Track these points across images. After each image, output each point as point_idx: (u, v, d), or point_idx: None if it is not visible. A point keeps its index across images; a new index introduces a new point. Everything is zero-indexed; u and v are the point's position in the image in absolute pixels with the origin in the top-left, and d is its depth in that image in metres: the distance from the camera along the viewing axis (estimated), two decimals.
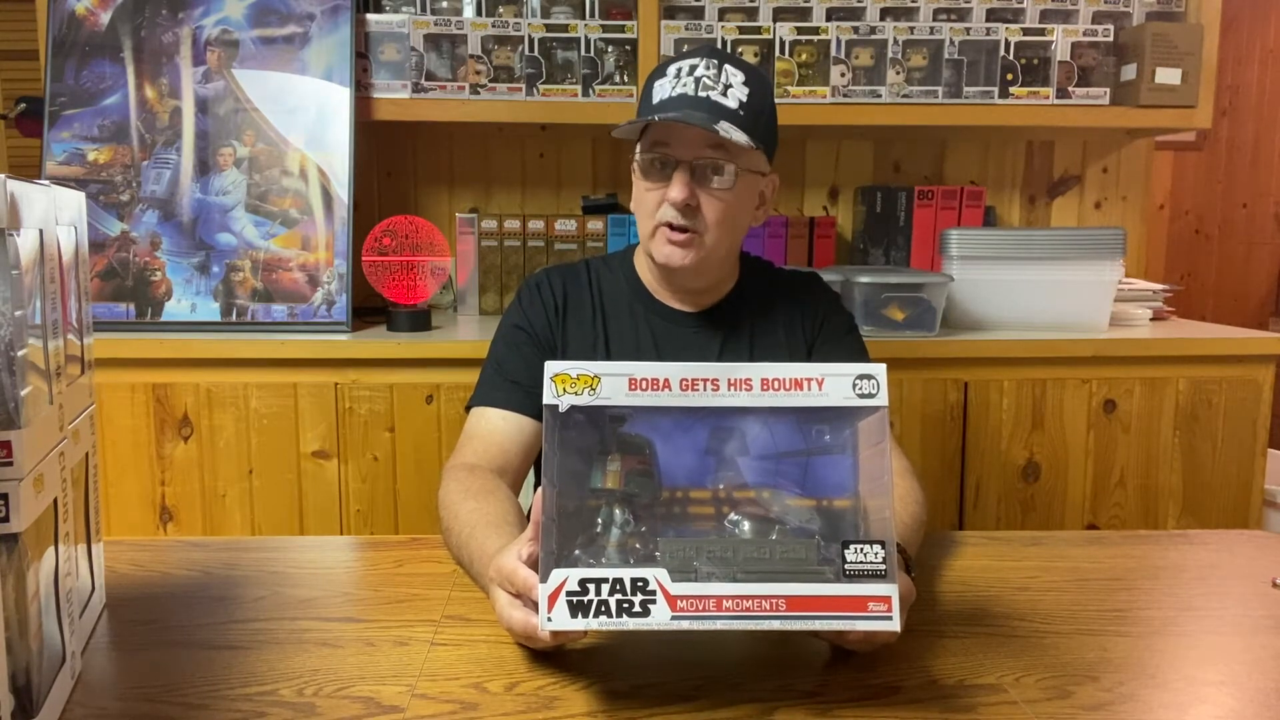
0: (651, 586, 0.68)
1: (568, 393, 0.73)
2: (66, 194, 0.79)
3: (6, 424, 0.62)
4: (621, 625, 0.68)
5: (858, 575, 0.68)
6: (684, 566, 0.69)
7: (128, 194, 1.90)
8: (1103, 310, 1.96)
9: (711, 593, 0.68)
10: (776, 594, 0.67)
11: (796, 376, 0.70)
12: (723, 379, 0.71)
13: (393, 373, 1.77)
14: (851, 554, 0.68)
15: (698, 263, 1.15)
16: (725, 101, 1.10)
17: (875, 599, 0.67)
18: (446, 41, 2.03)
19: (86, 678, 0.77)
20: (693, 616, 0.68)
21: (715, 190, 1.12)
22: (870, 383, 0.69)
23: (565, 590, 0.68)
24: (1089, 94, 2.08)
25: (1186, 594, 0.96)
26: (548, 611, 0.69)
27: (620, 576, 0.68)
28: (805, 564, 0.69)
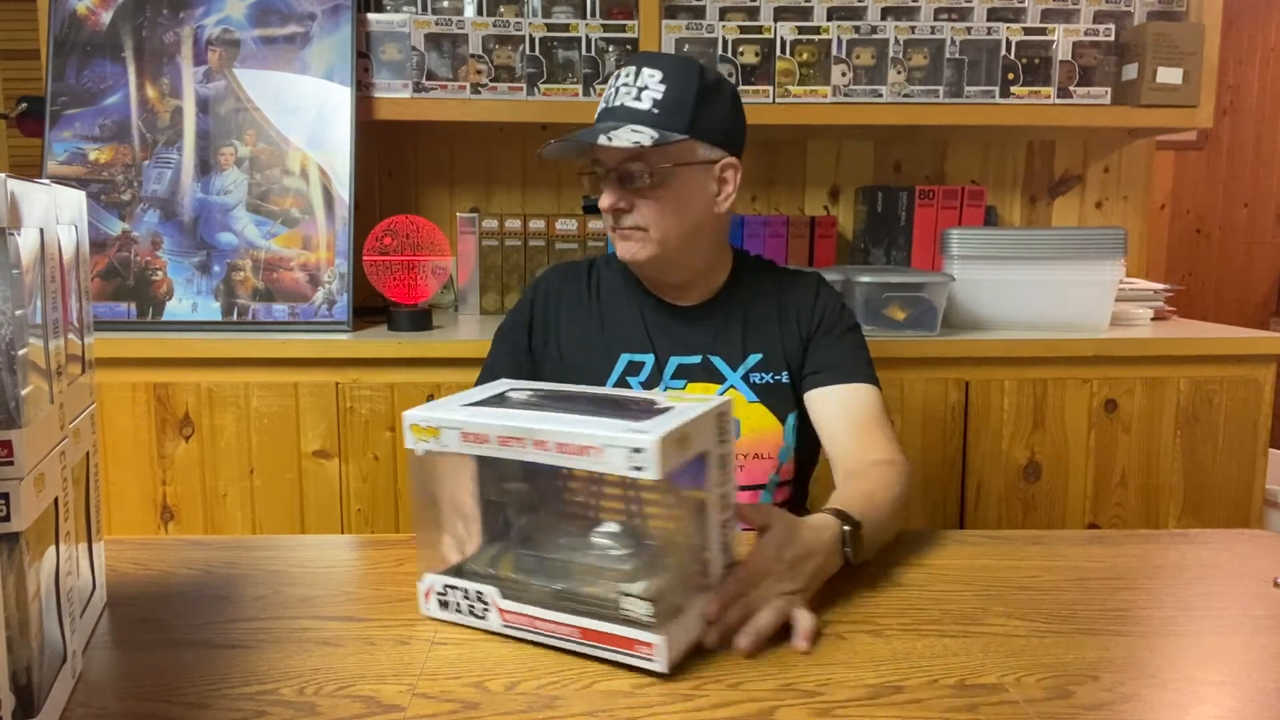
0: (487, 599, 0.85)
1: (421, 440, 0.85)
2: (67, 193, 0.79)
3: (7, 423, 0.62)
4: (471, 623, 0.86)
5: (633, 622, 0.78)
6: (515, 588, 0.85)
7: (129, 193, 1.90)
8: (1104, 310, 1.96)
9: (528, 613, 0.83)
10: (574, 624, 0.80)
11: (582, 444, 0.76)
12: (529, 440, 0.79)
13: (394, 372, 1.77)
14: (626, 604, 0.79)
15: (654, 256, 1.20)
16: (638, 105, 1.16)
17: (642, 644, 0.77)
18: (447, 41, 2.03)
19: (87, 677, 0.77)
20: (515, 628, 0.83)
21: (645, 190, 1.18)
22: (642, 456, 0.73)
23: (434, 591, 0.88)
24: (1090, 94, 2.08)
25: (1187, 594, 0.96)
26: (424, 601, 0.89)
27: (467, 588, 0.85)
28: (604, 602, 0.81)
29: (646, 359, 1.26)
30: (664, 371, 1.25)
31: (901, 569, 1.01)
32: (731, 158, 1.22)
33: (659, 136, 1.13)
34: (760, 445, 1.24)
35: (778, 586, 0.85)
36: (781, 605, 0.84)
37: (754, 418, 1.24)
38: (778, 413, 1.25)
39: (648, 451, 0.73)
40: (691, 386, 1.25)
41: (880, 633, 0.86)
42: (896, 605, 0.92)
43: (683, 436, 0.77)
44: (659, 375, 1.25)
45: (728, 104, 1.21)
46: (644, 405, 0.83)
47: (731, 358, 1.26)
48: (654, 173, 1.16)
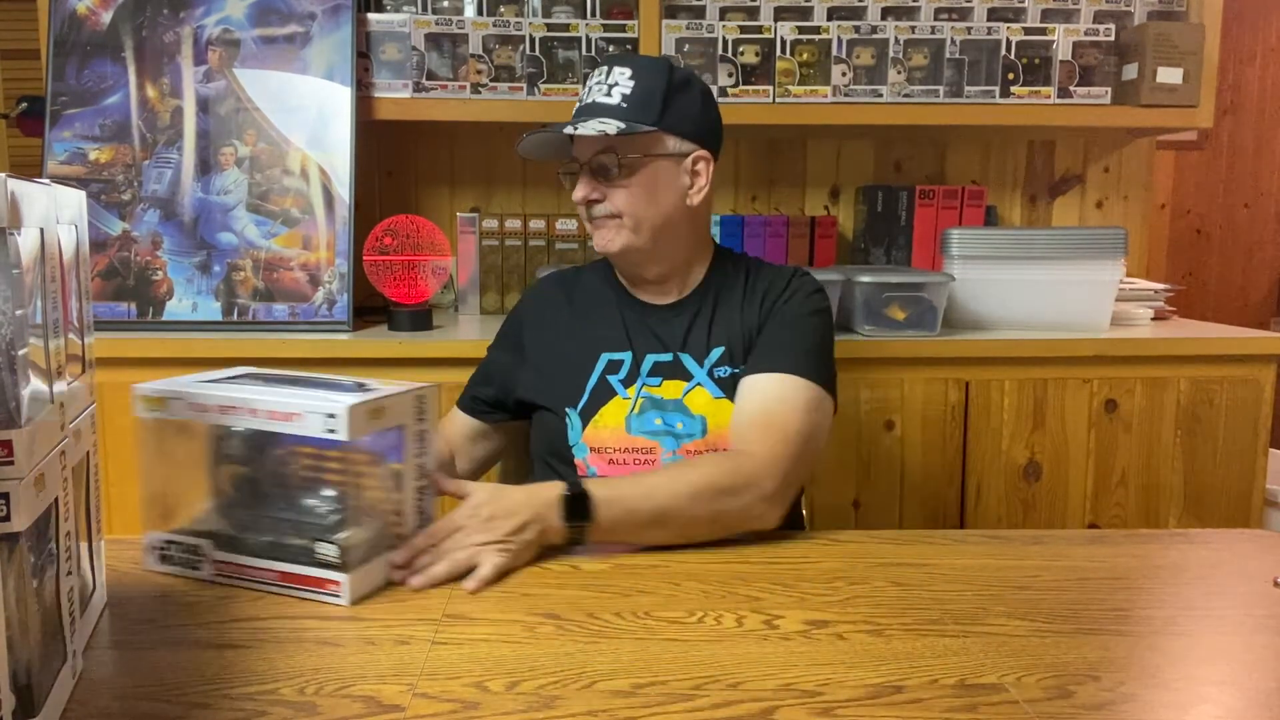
0: (202, 552, 0.95)
1: (149, 409, 0.95)
2: (67, 193, 0.79)
3: (7, 423, 0.62)
4: (187, 574, 0.97)
5: (322, 563, 0.90)
6: (228, 540, 0.95)
7: (129, 193, 1.90)
8: (1104, 310, 1.96)
9: (235, 561, 0.94)
10: (274, 569, 0.92)
11: (284, 410, 0.88)
12: (244, 408, 0.91)
13: (394, 372, 1.77)
14: (319, 549, 0.90)
15: (628, 245, 1.24)
16: (608, 100, 1.22)
17: (329, 582, 0.90)
18: (447, 41, 2.03)
19: (87, 677, 0.77)
20: (225, 576, 0.94)
21: (617, 181, 1.22)
22: (335, 420, 0.86)
23: (155, 546, 0.98)
24: (1090, 93, 2.08)
25: (1187, 593, 0.96)
26: (146, 557, 0.99)
27: (185, 541, 0.96)
28: (304, 551, 0.92)
29: (625, 356, 1.27)
30: (640, 368, 1.27)
31: (901, 569, 1.01)
32: (704, 151, 1.25)
33: (625, 127, 1.18)
34: (725, 440, 1.21)
35: (468, 539, 0.98)
36: (461, 556, 0.97)
37: (720, 413, 1.23)
38: None
39: (339, 417, 0.86)
40: (666, 383, 1.25)
41: (880, 633, 0.86)
42: (896, 605, 0.92)
43: (375, 409, 0.90)
44: (636, 372, 1.26)
45: (698, 99, 1.26)
46: (356, 388, 0.96)
47: (698, 354, 1.26)
48: (624, 163, 1.21)
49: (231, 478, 0.99)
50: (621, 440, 1.24)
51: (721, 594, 0.94)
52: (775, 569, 1.01)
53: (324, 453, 0.94)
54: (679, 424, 1.24)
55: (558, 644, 0.83)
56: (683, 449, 1.23)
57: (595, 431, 1.25)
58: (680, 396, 1.25)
